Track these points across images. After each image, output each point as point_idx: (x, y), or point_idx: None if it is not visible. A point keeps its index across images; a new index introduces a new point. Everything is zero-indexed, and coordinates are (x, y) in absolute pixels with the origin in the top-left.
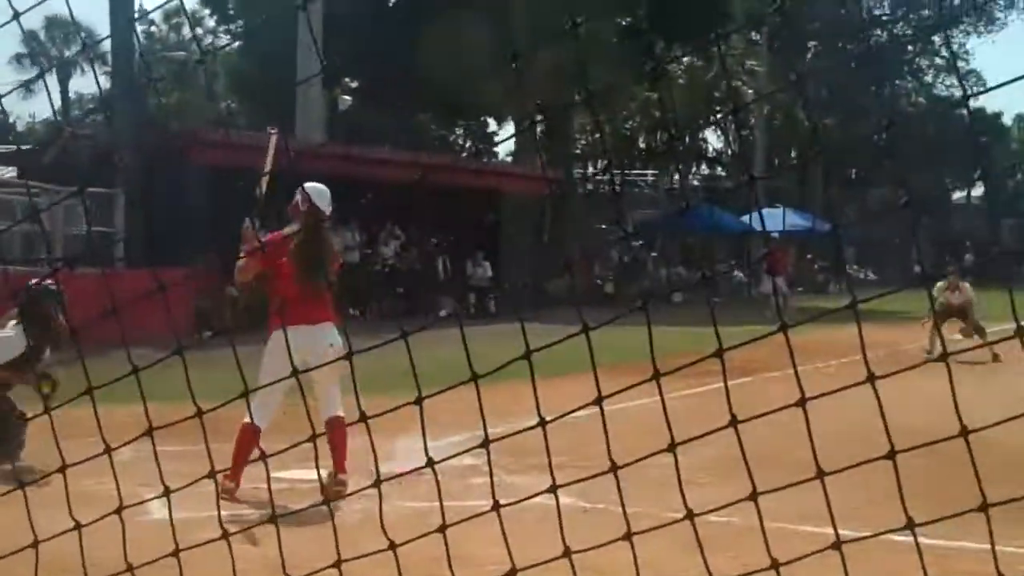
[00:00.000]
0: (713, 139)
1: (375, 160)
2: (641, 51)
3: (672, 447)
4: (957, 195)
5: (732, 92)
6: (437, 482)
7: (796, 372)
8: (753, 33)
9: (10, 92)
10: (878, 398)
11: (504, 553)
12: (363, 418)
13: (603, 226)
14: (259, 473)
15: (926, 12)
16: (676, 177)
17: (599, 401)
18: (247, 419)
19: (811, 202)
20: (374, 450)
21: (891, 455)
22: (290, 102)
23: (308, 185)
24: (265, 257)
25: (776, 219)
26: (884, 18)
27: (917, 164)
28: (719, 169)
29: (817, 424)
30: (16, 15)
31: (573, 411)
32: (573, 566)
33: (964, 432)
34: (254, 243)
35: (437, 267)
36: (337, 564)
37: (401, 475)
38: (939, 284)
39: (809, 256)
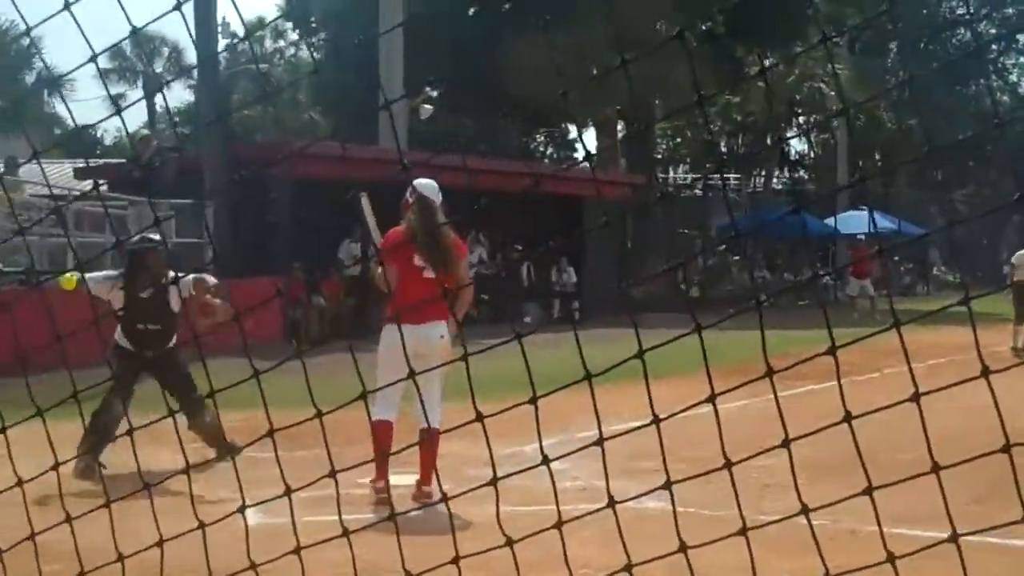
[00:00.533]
0: (795, 142)
1: (480, 169)
2: (721, 55)
3: (787, 443)
4: None
5: (841, 96)
6: (552, 480)
7: (910, 368)
8: (834, 36)
9: (128, 107)
10: (993, 393)
11: (591, 555)
12: (479, 418)
13: (685, 231)
14: (349, 478)
15: (1010, 11)
16: (762, 180)
17: (712, 399)
18: (377, 416)
19: (896, 204)
20: (491, 451)
21: (1007, 448)
22: (372, 112)
23: (416, 181)
24: (387, 255)
25: (862, 221)
26: (967, 17)
27: (1006, 163)
28: (802, 172)
29: (914, 425)
30: (134, 30)
31: (684, 410)
32: (690, 564)
33: None
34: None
35: (521, 274)
36: (455, 560)
37: (514, 473)
38: (1019, 252)
39: (896, 258)
